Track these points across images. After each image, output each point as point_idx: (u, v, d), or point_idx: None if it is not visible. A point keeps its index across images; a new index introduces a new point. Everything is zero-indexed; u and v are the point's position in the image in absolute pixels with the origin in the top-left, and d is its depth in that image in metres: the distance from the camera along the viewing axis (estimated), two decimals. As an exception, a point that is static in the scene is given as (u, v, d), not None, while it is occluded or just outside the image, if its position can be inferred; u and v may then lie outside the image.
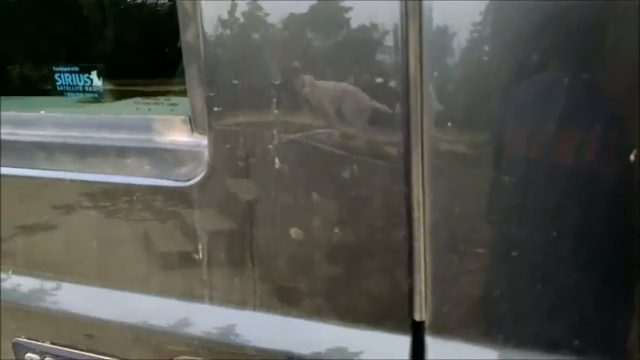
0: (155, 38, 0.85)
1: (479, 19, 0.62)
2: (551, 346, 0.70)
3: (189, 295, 0.87)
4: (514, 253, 0.67)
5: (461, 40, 0.62)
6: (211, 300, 0.85)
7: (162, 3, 0.82)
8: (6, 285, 1.03)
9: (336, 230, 0.75)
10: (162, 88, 0.86)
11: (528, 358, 0.71)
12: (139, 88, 0.88)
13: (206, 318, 0.86)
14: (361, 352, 0.77)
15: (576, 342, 0.69)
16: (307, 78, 0.69)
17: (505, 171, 0.64)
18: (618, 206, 0.63)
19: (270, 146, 0.74)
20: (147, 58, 0.86)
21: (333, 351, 0.79)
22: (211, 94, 0.74)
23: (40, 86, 0.95)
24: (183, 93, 0.82)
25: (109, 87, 0.90)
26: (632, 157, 0.60)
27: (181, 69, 0.79)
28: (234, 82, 0.72)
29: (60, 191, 0.90)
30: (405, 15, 0.64)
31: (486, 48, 0.62)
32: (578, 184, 0.63)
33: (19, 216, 0.97)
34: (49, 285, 1.00)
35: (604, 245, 0.64)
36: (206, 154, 0.78)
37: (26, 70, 1.00)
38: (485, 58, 0.62)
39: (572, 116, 0.61)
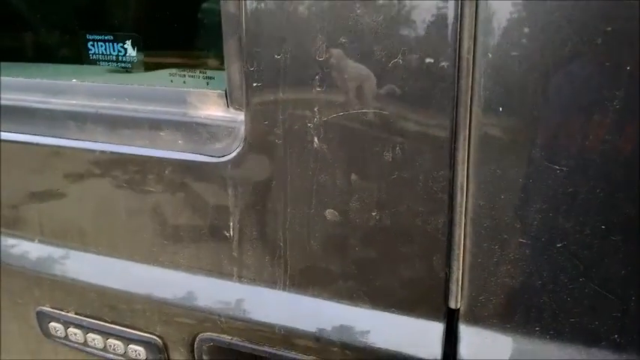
0: (193, 7, 0.82)
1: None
2: (590, 341, 0.68)
3: (218, 271, 0.86)
4: (558, 245, 0.66)
5: (517, 21, 0.60)
6: (240, 278, 0.84)
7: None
8: (32, 253, 1.03)
9: (374, 213, 0.73)
10: (199, 61, 0.84)
11: (565, 351, 0.69)
12: (175, 60, 0.86)
13: (234, 295, 0.85)
14: (393, 338, 0.76)
15: (616, 337, 0.67)
16: (354, 55, 0.67)
17: (555, 159, 0.62)
18: (672, 201, 0.61)
19: (309, 124, 0.72)
20: (184, 28, 0.84)
21: (363, 334, 0.78)
22: (251, 69, 0.72)
23: (71, 54, 0.93)
24: (219, 66, 0.80)
25: (143, 58, 0.88)
26: (691, 151, 0.58)
27: (220, 41, 0.77)
28: (277, 56, 0.70)
29: (91, 162, 0.89)
30: (462, -7, 0.61)
31: (541, 31, 0.59)
32: (630, 176, 0.61)
33: (46, 184, 0.96)
34: (75, 255, 0.99)
35: (655, 240, 0.62)
36: (242, 130, 0.76)
37: (56, 37, 0.98)
38: (539, 43, 0.59)
39: (628, 105, 0.58)
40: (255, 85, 0.73)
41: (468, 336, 0.73)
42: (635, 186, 0.61)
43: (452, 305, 0.73)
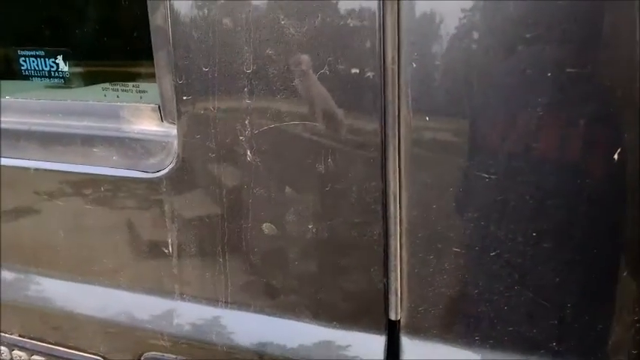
0: (124, 21, 0.80)
1: (462, 6, 0.58)
2: (529, 348, 0.68)
3: (159, 289, 0.83)
4: (492, 253, 0.65)
5: (441, 29, 0.59)
6: (182, 295, 0.82)
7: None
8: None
9: (310, 226, 0.72)
10: (131, 75, 0.82)
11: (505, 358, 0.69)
12: (108, 74, 0.83)
13: (176, 313, 0.83)
14: (335, 351, 0.75)
15: (554, 344, 0.67)
16: (282, 66, 0.66)
17: (483, 168, 0.62)
18: (602, 206, 0.60)
19: (242, 137, 0.70)
20: (115, 42, 0.82)
21: (306, 349, 0.77)
22: (180, 82, 0.70)
23: (5, 69, 0.90)
24: (152, 80, 0.78)
25: (76, 71, 0.85)
26: (616, 157, 0.58)
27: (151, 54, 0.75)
28: (205, 69, 0.69)
29: (25, 180, 0.86)
30: (382, 4, 0.60)
31: (468, 39, 0.59)
32: (560, 182, 0.60)
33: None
34: (17, 276, 0.96)
35: (585, 246, 0.62)
36: (175, 144, 0.75)
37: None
38: (467, 50, 0.59)
39: (556, 111, 0.58)
40: (185, 98, 0.71)
41: (410, 347, 0.72)
42: (563, 193, 0.60)
43: (392, 317, 0.72)
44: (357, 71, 0.63)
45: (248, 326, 0.80)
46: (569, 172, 0.59)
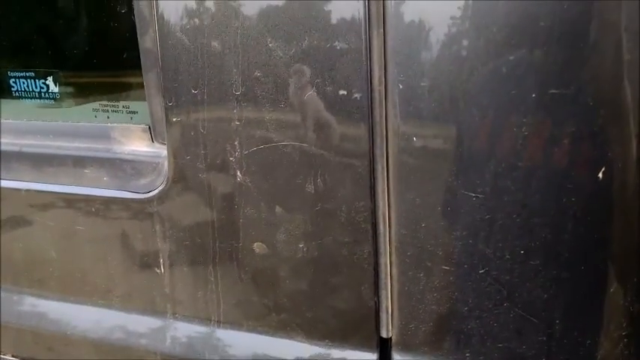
0: (115, 43, 0.81)
1: (447, 29, 0.59)
2: (519, 364, 0.68)
3: (152, 309, 0.84)
4: (481, 271, 0.65)
5: (426, 51, 0.60)
6: (174, 315, 0.82)
7: (122, 7, 0.78)
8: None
9: (301, 245, 0.72)
10: (122, 96, 0.83)
11: (496, 376, 0.69)
12: (98, 95, 0.84)
13: (169, 332, 0.83)
14: (327, 369, 0.75)
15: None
16: (270, 88, 0.66)
17: (471, 187, 0.62)
18: (588, 223, 0.61)
19: (231, 158, 0.71)
20: (106, 63, 0.82)
21: (299, 368, 0.77)
22: (170, 104, 0.71)
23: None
24: (143, 101, 0.78)
25: (67, 91, 0.86)
26: (600, 175, 0.59)
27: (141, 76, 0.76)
28: (194, 91, 0.69)
29: (16, 201, 0.86)
30: (368, 27, 0.61)
31: (453, 61, 0.59)
32: (546, 200, 0.61)
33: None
34: (9, 297, 0.96)
35: (572, 263, 0.62)
36: (166, 165, 0.75)
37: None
38: (452, 72, 0.60)
39: (541, 131, 0.59)
40: (175, 119, 0.72)
41: (401, 364, 0.73)
42: (549, 211, 0.61)
43: (383, 334, 0.73)
44: (345, 92, 0.63)
45: (241, 345, 0.80)
46: (555, 190, 0.60)
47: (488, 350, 0.69)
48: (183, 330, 0.82)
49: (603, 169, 0.58)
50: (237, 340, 0.80)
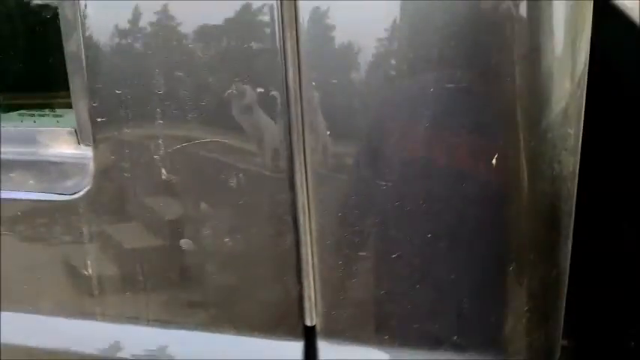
0: (39, 48, 0.82)
1: (355, 31, 0.64)
2: (434, 343, 0.73)
3: (81, 312, 0.84)
4: (394, 255, 0.70)
5: (337, 48, 0.65)
6: (103, 316, 0.83)
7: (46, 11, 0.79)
8: None
9: (227, 240, 0.75)
10: (48, 100, 0.84)
11: (414, 357, 0.73)
12: (24, 101, 0.84)
13: (98, 335, 0.83)
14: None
15: (456, 338, 0.72)
16: (191, 88, 0.69)
17: (381, 176, 0.67)
18: (485, 208, 0.67)
19: (156, 156, 0.73)
20: (31, 68, 0.83)
21: (228, 361, 0.79)
22: (94, 104, 0.73)
23: None
24: (69, 105, 0.80)
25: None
26: (494, 162, 0.65)
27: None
28: (117, 91, 0.71)
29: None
30: (282, 25, 0.65)
31: (361, 57, 0.64)
32: (448, 187, 0.67)
33: None
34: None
35: (474, 245, 0.68)
36: (92, 166, 0.76)
37: None
38: (362, 72, 0.65)
39: (440, 123, 0.65)
40: (99, 120, 0.73)
41: (326, 351, 0.76)
42: (452, 197, 0.67)
43: (308, 323, 0.76)
44: (262, 90, 0.67)
45: (170, 343, 0.81)
46: (455, 178, 0.66)
47: (405, 331, 0.73)
48: (112, 331, 0.83)
49: (496, 155, 0.64)
50: (167, 338, 0.81)
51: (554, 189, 0.67)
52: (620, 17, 0.93)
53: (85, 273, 0.81)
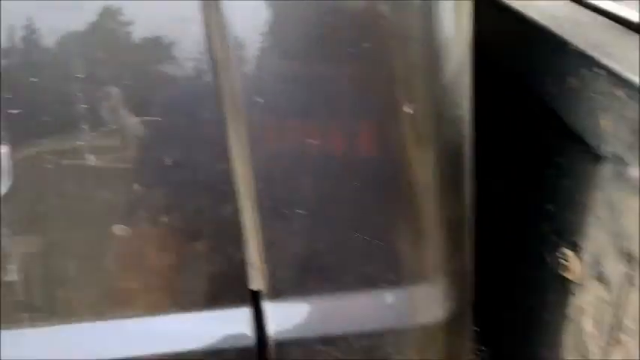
0: None
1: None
2: (371, 284, 0.80)
3: (9, 321, 0.78)
4: (328, 209, 0.76)
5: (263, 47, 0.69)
6: (33, 321, 0.78)
7: None
8: None
9: (164, 219, 0.75)
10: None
11: (357, 298, 0.80)
12: None
13: (30, 342, 0.78)
14: (208, 335, 0.79)
15: (389, 275, 0.80)
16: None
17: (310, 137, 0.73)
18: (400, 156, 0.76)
19: (81, 142, 0.71)
20: None
21: (177, 341, 0.79)
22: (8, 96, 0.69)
23: None
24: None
25: None
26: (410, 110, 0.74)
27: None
28: (33, 79, 0.68)
29: None
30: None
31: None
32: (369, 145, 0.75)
33: None
34: None
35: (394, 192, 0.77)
36: (11, 163, 0.72)
37: None
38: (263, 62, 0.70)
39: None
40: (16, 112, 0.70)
41: (274, 313, 0.80)
42: (374, 152, 0.75)
43: (254, 287, 0.79)
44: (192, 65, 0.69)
45: (111, 336, 0.79)
46: (374, 135, 0.74)
47: (346, 277, 0.80)
48: (45, 334, 0.78)
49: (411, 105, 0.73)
50: (113, 330, 0.79)
51: (456, 130, 0.79)
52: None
53: (11, 279, 0.76)
